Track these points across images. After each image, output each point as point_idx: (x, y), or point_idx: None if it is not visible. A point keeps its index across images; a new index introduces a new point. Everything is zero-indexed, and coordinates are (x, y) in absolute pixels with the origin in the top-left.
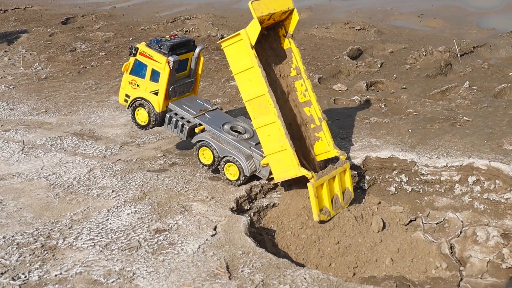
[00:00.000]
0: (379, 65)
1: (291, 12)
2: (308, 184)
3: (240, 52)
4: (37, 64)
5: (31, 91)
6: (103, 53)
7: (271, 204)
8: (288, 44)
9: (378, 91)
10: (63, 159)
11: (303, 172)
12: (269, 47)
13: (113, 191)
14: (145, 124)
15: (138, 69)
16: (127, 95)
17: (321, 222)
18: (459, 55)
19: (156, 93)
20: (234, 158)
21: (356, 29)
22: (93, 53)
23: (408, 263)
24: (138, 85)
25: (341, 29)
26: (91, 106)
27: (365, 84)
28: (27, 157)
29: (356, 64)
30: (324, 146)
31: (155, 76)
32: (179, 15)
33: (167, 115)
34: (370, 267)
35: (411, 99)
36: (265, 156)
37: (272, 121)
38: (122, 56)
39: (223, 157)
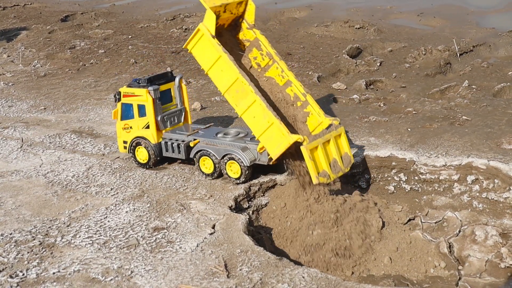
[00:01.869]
0: (378, 64)
1: (246, 3)
2: (301, 147)
3: (205, 47)
4: (36, 61)
5: (30, 88)
6: (102, 51)
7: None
8: (253, 34)
9: (377, 90)
10: (62, 156)
11: (294, 137)
12: (236, 45)
13: (111, 189)
14: (146, 161)
15: (126, 112)
16: (124, 142)
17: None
18: (458, 54)
19: (148, 127)
20: (231, 154)
21: (356, 28)
22: (92, 50)
23: (407, 262)
24: (131, 127)
25: (341, 28)
26: (90, 104)
27: (365, 83)
28: (26, 155)
29: (356, 63)
30: (316, 119)
31: (142, 110)
32: (178, 13)
33: (163, 142)
34: (368, 266)
35: (411, 98)
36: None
37: (252, 101)
38: (122, 54)
39: (222, 158)
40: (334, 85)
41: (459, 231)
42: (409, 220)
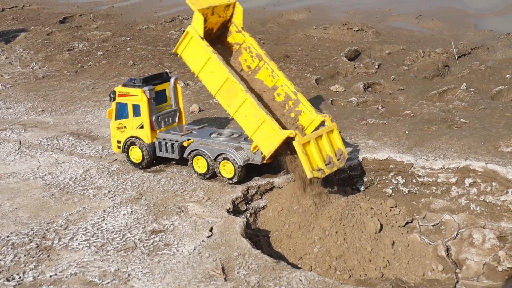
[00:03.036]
0: (376, 66)
1: (234, 6)
2: (293, 142)
3: (194, 49)
4: (34, 63)
5: (28, 90)
6: (101, 53)
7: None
8: (242, 37)
9: (375, 92)
10: (60, 159)
11: (286, 133)
12: (226, 50)
13: (109, 192)
14: (140, 161)
15: (121, 111)
16: (118, 141)
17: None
18: (456, 57)
19: (142, 127)
20: (225, 154)
21: (354, 30)
22: (90, 52)
23: (404, 265)
24: (125, 127)
25: (339, 30)
26: (88, 106)
27: (363, 85)
28: (23, 157)
29: (354, 65)
30: (308, 117)
31: (136, 110)
32: (177, 15)
33: (156, 142)
34: (366, 269)
35: (409, 101)
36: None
37: (243, 99)
38: (120, 56)
39: (215, 157)
40: (333, 87)
41: (457, 234)
42: (407, 223)
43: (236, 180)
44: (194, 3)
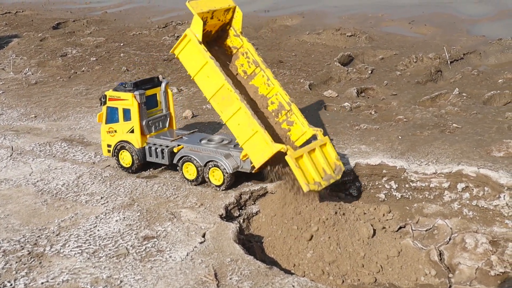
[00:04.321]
0: (369, 72)
1: (234, 10)
2: (286, 157)
3: (192, 52)
4: (27, 69)
5: (21, 96)
6: (94, 59)
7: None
8: (240, 42)
9: (368, 98)
10: (52, 165)
11: (278, 147)
12: (223, 53)
13: (101, 198)
14: (129, 165)
15: (112, 115)
16: (108, 145)
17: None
18: (449, 62)
19: (133, 131)
20: (214, 160)
21: (347, 36)
22: (84, 58)
23: (398, 270)
24: (115, 131)
25: (333, 35)
26: (81, 112)
27: (356, 91)
28: (15, 163)
29: (347, 71)
30: (299, 128)
31: (127, 114)
32: (170, 20)
33: (147, 147)
34: (359, 274)
35: (401, 106)
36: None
37: (238, 108)
38: (113, 62)
39: (205, 164)
40: (326, 92)
41: (450, 239)
42: (400, 228)
43: (225, 187)
44: (194, 6)
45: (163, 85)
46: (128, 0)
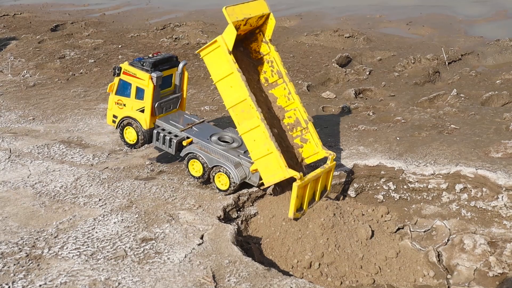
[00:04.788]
0: (367, 73)
1: (267, 17)
2: (294, 183)
3: (219, 59)
4: (25, 71)
5: (19, 98)
6: (92, 60)
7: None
8: (267, 49)
9: (366, 99)
10: (50, 167)
11: (291, 173)
12: (248, 55)
13: (100, 200)
14: (134, 142)
15: (123, 89)
16: (114, 116)
17: (295, 219)
18: (447, 63)
19: (143, 111)
20: (223, 167)
21: (345, 37)
22: (82, 60)
23: (396, 272)
24: (124, 105)
25: (331, 37)
26: (79, 114)
27: (354, 92)
28: (14, 165)
29: (345, 72)
30: (312, 148)
31: (140, 93)
32: (169, 22)
33: (155, 131)
34: (357, 276)
35: (399, 107)
36: (253, 162)
37: (256, 125)
38: (111, 64)
39: (213, 167)
40: (324, 94)
41: (448, 240)
42: (398, 229)
43: (228, 194)
44: (230, 14)
45: (180, 66)
46: (127, 2)
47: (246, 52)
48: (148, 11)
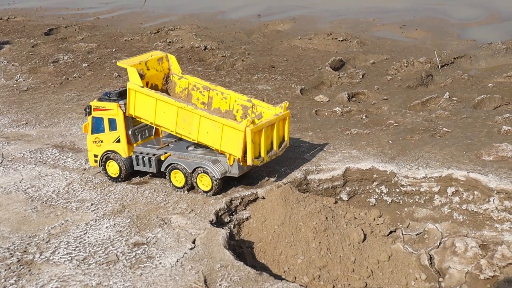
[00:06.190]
0: (361, 76)
1: (167, 58)
2: (246, 128)
3: (141, 102)
4: (18, 75)
5: (12, 102)
6: (86, 65)
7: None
8: (186, 81)
9: (359, 102)
10: (43, 172)
11: (243, 123)
12: (178, 98)
13: (92, 204)
14: (117, 175)
15: (97, 125)
16: (95, 155)
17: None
18: (439, 66)
19: (119, 141)
20: (202, 167)
21: (339, 40)
22: (75, 64)
23: (388, 275)
24: (101, 141)
25: (324, 40)
26: (72, 118)
27: (347, 95)
28: (6, 170)
29: (338, 75)
30: (268, 113)
31: (112, 124)
32: (163, 26)
33: (133, 156)
34: (349, 279)
35: (392, 110)
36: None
37: (198, 118)
38: (105, 68)
39: (193, 172)
40: (317, 97)
41: (440, 243)
42: (390, 232)
43: (213, 193)
44: (124, 62)
45: None
46: (121, 6)
47: (175, 98)
48: (142, 15)
